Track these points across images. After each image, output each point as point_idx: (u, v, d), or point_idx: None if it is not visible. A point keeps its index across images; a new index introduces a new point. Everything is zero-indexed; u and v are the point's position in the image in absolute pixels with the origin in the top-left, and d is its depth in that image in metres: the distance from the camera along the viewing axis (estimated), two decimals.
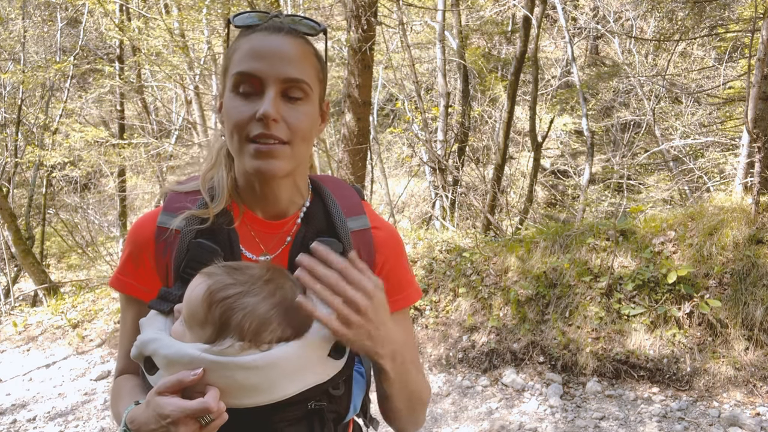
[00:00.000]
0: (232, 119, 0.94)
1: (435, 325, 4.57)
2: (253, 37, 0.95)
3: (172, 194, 1.07)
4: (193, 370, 0.81)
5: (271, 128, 0.92)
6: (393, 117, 12.99)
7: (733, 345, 3.66)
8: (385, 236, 1.10)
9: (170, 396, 0.81)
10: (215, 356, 0.82)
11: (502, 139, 7.54)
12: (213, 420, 0.80)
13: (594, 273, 4.23)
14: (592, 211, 9.61)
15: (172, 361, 0.84)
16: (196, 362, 0.82)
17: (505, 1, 11.21)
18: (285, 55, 0.94)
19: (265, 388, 0.83)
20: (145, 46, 8.51)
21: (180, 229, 1.00)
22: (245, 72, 0.93)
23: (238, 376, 0.82)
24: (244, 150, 0.94)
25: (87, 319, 5.91)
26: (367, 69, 5.51)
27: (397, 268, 1.10)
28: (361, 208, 1.10)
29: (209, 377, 0.82)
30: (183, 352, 0.84)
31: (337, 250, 0.99)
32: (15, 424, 4.12)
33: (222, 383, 0.82)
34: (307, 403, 0.88)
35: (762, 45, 4.55)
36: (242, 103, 0.93)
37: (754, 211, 4.06)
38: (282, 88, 0.93)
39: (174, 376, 0.82)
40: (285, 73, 0.93)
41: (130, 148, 10.44)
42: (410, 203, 11.55)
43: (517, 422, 3.54)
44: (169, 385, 0.81)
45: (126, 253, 1.06)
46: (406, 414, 1.05)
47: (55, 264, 12.75)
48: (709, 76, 10.91)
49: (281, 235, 1.05)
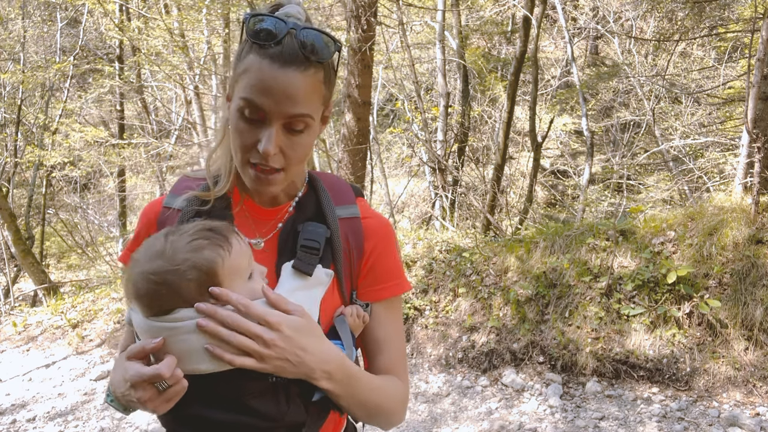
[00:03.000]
0: (236, 140, 0.98)
1: (435, 325, 4.57)
2: (265, 65, 0.92)
3: (182, 177, 1.16)
4: (155, 339, 0.87)
5: (269, 161, 0.97)
6: (393, 117, 12.99)
7: (733, 345, 3.66)
8: (375, 224, 1.12)
9: (135, 361, 0.87)
10: (170, 323, 0.87)
11: (501, 139, 7.54)
12: (169, 386, 0.85)
13: (594, 273, 4.23)
14: (591, 211, 9.61)
15: (140, 330, 0.91)
16: (153, 330, 0.88)
17: (505, 1, 11.21)
18: (292, 94, 0.93)
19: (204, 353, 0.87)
20: (144, 46, 8.51)
21: (181, 209, 1.07)
22: (251, 103, 0.93)
23: (193, 339, 0.86)
24: (244, 169, 1.01)
25: (87, 319, 5.91)
26: (367, 69, 5.52)
27: (386, 256, 1.11)
28: (353, 199, 1.13)
29: (169, 344, 0.87)
30: (143, 322, 0.89)
31: (323, 234, 1.04)
32: (15, 424, 4.12)
33: (179, 348, 0.86)
34: (268, 377, 0.90)
35: (762, 45, 4.55)
36: (246, 128, 0.96)
37: (754, 211, 4.06)
38: (285, 122, 0.96)
39: (139, 343, 0.88)
40: (290, 111, 0.94)
41: (129, 148, 10.44)
42: (410, 203, 11.56)
43: (516, 422, 3.54)
44: (135, 351, 0.88)
45: (136, 231, 1.15)
46: (368, 421, 1.07)
47: (54, 264, 12.75)
48: (709, 76, 10.91)
49: (274, 221, 1.10)
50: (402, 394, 1.09)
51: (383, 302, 1.11)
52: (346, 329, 1.02)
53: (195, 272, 0.87)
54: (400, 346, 1.13)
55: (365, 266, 1.09)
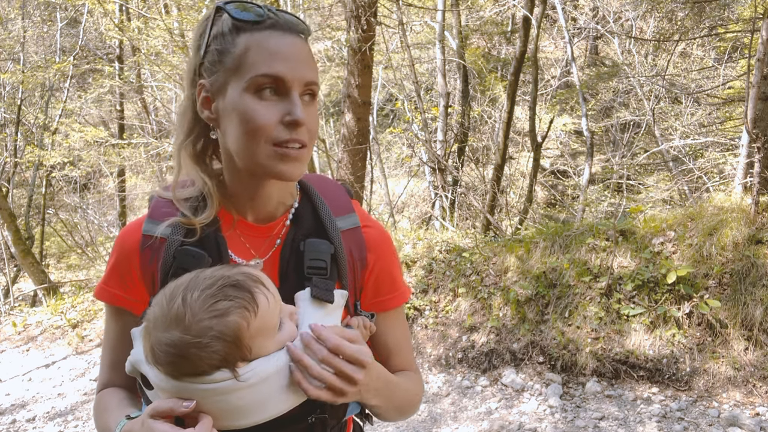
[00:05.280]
0: (253, 123, 0.89)
1: (434, 325, 4.57)
2: (267, 35, 0.90)
3: (157, 200, 1.04)
4: (186, 401, 0.80)
5: (299, 133, 0.91)
6: (393, 117, 12.99)
7: (733, 345, 3.66)
8: (376, 234, 1.09)
9: (163, 422, 0.81)
10: (204, 385, 0.81)
11: (501, 139, 7.54)
12: None
13: (593, 273, 4.23)
14: (591, 211, 9.61)
15: (161, 388, 0.84)
16: (183, 392, 0.81)
17: (505, 1, 11.21)
18: (303, 57, 0.92)
19: (259, 405, 0.83)
20: (144, 46, 8.50)
21: (165, 237, 0.97)
22: (272, 74, 0.89)
23: (231, 398, 0.81)
24: (266, 154, 0.91)
25: (86, 319, 5.91)
26: (367, 69, 5.52)
27: (389, 266, 1.10)
28: (350, 206, 1.10)
29: (203, 403, 0.81)
30: (168, 382, 0.83)
31: (327, 251, 0.99)
32: (14, 424, 4.12)
33: (215, 407, 0.81)
34: (307, 417, 0.89)
35: (762, 45, 4.56)
36: (264, 106, 0.89)
37: (754, 212, 4.06)
38: (302, 91, 0.92)
39: (166, 402, 0.81)
40: (306, 76, 0.92)
41: (129, 148, 10.44)
42: (410, 203, 11.56)
43: (516, 422, 3.54)
44: (161, 411, 0.81)
45: (111, 262, 1.03)
46: (397, 418, 1.11)
47: (54, 264, 12.74)
48: (709, 76, 10.90)
49: (271, 238, 1.03)
50: (421, 386, 1.16)
51: (390, 312, 1.11)
52: None
53: (219, 344, 0.79)
54: (408, 346, 1.18)
55: (369, 278, 1.08)
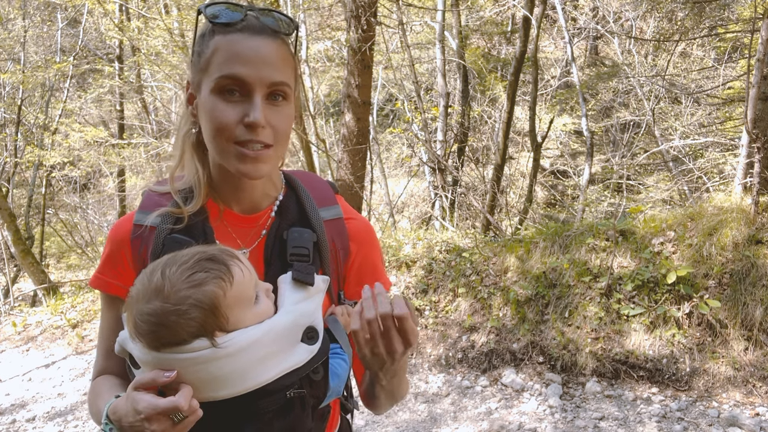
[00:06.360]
0: (216, 122, 0.93)
1: (434, 325, 4.57)
2: (236, 38, 0.94)
3: (149, 193, 1.09)
4: (167, 372, 0.83)
5: (258, 134, 0.94)
6: (393, 117, 12.99)
7: (733, 345, 3.66)
8: (359, 226, 1.13)
9: (145, 392, 0.84)
10: (184, 354, 0.84)
11: (501, 140, 7.54)
12: (185, 417, 0.82)
13: (593, 273, 4.23)
14: (591, 212, 9.61)
15: (144, 362, 0.87)
16: (163, 363, 0.84)
17: (505, 1, 11.21)
18: (269, 59, 0.94)
19: (238, 376, 0.85)
20: (144, 46, 8.51)
21: (155, 226, 1.02)
22: (232, 75, 0.92)
23: (210, 367, 0.84)
24: (228, 152, 0.95)
25: (86, 319, 5.90)
26: (367, 69, 5.52)
27: (371, 256, 1.14)
28: (334, 199, 1.14)
29: (183, 373, 0.84)
30: (149, 355, 0.86)
31: (310, 239, 1.03)
32: (14, 424, 4.12)
33: (195, 377, 0.84)
34: (286, 392, 0.89)
35: (761, 45, 4.55)
36: (226, 106, 0.93)
37: (754, 212, 4.06)
38: (267, 92, 0.94)
39: (149, 374, 0.85)
40: (270, 77, 0.94)
41: (129, 148, 10.44)
42: (410, 203, 11.56)
43: (516, 422, 3.54)
44: (144, 382, 0.84)
45: (105, 252, 1.08)
46: (388, 407, 1.15)
47: (54, 264, 12.74)
48: (709, 76, 10.90)
49: (257, 228, 1.07)
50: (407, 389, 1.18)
51: None
52: (339, 328, 1.02)
53: (197, 311, 0.84)
54: None
55: (352, 267, 1.11)
